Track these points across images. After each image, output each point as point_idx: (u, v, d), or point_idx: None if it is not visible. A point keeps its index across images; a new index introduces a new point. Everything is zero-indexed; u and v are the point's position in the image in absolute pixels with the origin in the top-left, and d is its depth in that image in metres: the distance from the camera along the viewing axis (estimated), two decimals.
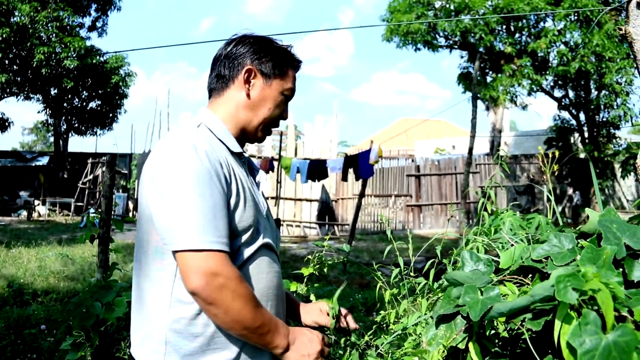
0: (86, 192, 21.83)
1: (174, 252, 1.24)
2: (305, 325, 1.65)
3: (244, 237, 1.35)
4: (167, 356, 1.29)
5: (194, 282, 1.20)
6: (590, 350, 0.87)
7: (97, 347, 2.49)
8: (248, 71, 1.46)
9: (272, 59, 1.49)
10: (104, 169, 21.08)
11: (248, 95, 1.47)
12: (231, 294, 1.22)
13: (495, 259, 1.38)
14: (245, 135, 1.51)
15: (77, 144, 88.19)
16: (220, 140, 1.41)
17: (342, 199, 17.72)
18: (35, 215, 20.45)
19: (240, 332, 1.26)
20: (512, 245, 1.40)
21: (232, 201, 1.32)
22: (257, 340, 1.29)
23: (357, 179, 9.81)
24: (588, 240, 1.19)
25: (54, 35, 20.32)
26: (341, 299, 5.30)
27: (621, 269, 1.15)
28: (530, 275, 1.27)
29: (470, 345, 1.15)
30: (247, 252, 1.36)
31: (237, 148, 1.44)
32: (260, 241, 1.40)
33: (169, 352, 1.29)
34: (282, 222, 16.23)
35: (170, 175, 1.26)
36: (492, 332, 1.26)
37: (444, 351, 1.21)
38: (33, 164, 23.46)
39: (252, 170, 1.55)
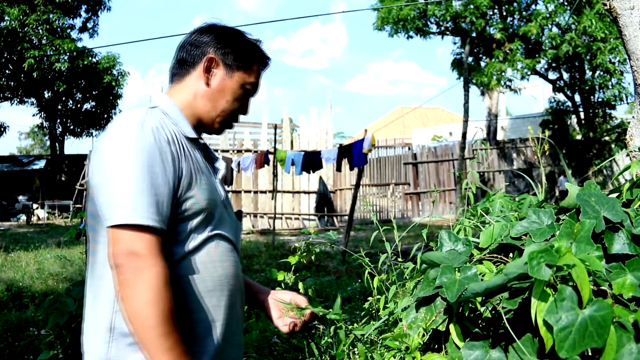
0: (84, 194, 21.80)
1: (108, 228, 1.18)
2: (267, 305, 1.60)
3: (197, 220, 1.29)
4: (112, 343, 1.22)
5: (115, 257, 1.15)
6: (567, 326, 0.85)
7: (69, 344, 2.47)
8: (210, 60, 1.42)
9: (237, 50, 1.44)
10: None
11: (207, 84, 1.42)
12: (146, 284, 1.13)
13: (477, 240, 1.36)
14: (202, 125, 1.46)
15: (74, 146, 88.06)
16: (175, 124, 1.36)
17: (340, 189, 17.69)
18: (34, 219, 20.43)
19: (137, 331, 1.14)
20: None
21: (184, 182, 1.27)
22: (149, 353, 1.14)
23: (351, 169, 9.79)
24: (567, 215, 1.16)
25: (44, 38, 20.21)
26: (339, 288, 5.26)
27: (602, 243, 1.13)
28: (511, 253, 1.24)
29: (451, 326, 1.12)
30: (201, 236, 1.31)
31: (192, 134, 1.38)
32: (216, 229, 1.35)
33: (115, 338, 1.21)
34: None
35: (110, 150, 1.21)
36: (475, 312, 1.24)
37: (424, 335, 1.19)
38: (30, 168, 23.41)
39: (211, 159, 1.49)
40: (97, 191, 1.23)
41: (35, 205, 21.34)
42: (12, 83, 21.69)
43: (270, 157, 11.34)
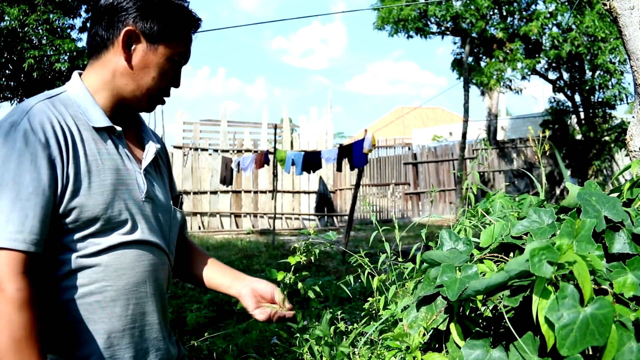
0: None
1: None
2: (242, 295, 1.49)
3: (93, 228, 1.18)
4: None
5: None
6: (568, 324, 0.85)
7: None
8: (129, 33, 1.23)
9: (161, 18, 1.25)
10: None
11: (128, 62, 1.25)
12: None
13: (477, 240, 1.36)
14: (127, 106, 1.30)
15: None
16: (83, 113, 1.22)
17: (340, 189, 17.70)
18: None
19: None
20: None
21: (70, 188, 1.15)
22: None
23: (351, 169, 9.80)
24: (568, 214, 1.16)
25: (44, 38, 20.22)
26: (339, 288, 5.25)
27: (602, 243, 1.13)
28: (511, 253, 1.24)
29: (452, 326, 1.12)
30: (102, 244, 1.19)
31: (102, 122, 1.23)
32: (127, 234, 1.23)
33: None
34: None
35: None
36: (476, 312, 1.24)
37: (425, 334, 1.19)
38: None
39: (138, 145, 1.35)
40: None
41: None
42: (12, 83, 21.69)
43: (270, 157, 11.34)
